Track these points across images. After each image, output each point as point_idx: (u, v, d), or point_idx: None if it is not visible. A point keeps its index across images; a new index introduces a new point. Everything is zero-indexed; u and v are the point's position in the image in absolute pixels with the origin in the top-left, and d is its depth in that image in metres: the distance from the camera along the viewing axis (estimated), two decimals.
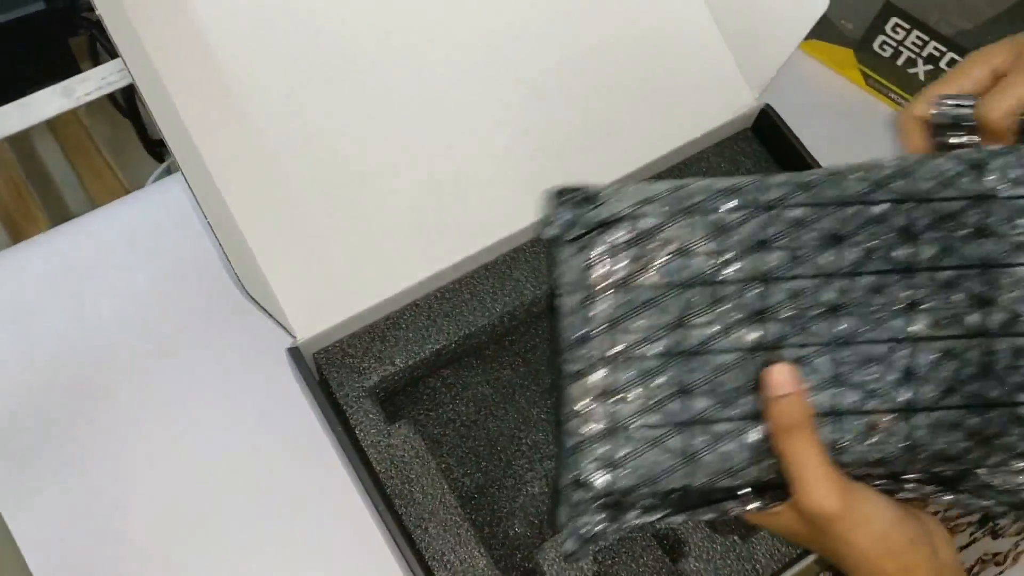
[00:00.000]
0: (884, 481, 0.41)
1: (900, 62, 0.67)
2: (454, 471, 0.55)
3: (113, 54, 0.74)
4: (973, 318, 0.38)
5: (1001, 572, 0.60)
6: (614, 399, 0.38)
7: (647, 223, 0.39)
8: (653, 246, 0.39)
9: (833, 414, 0.38)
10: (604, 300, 0.39)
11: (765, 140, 0.61)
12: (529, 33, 0.56)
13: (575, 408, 0.39)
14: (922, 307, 0.38)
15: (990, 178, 0.38)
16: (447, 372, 0.57)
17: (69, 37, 0.86)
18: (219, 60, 0.51)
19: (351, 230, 0.53)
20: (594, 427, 0.39)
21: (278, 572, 0.53)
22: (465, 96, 0.55)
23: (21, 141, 0.89)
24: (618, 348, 0.38)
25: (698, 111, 0.59)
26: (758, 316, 0.38)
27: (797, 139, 0.59)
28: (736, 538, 0.50)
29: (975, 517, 0.65)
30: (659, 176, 0.59)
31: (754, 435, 0.38)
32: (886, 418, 0.38)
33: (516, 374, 0.58)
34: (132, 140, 0.88)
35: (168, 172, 0.79)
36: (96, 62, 0.83)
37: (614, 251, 0.39)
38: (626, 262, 0.39)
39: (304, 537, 0.53)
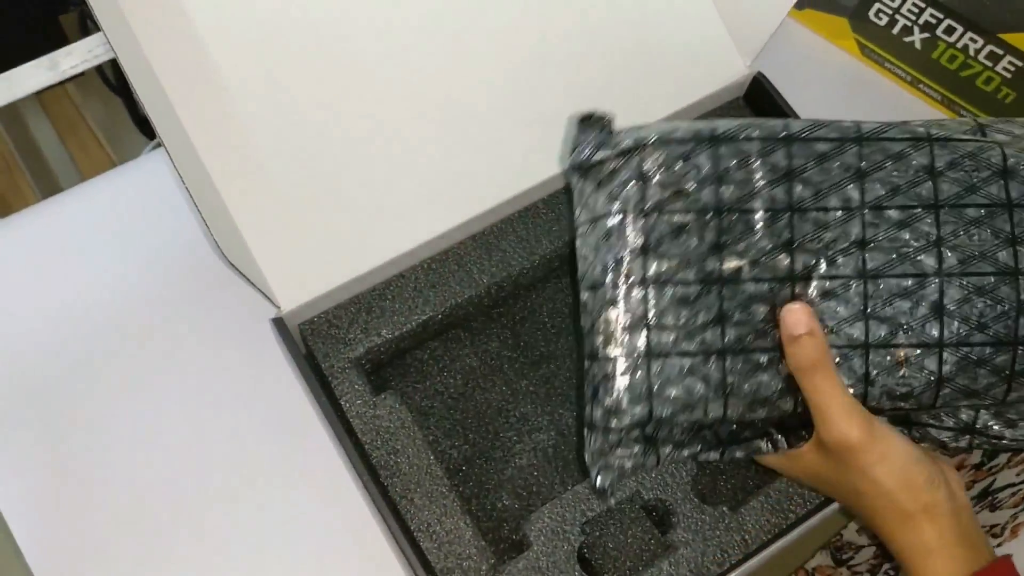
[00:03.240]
0: (899, 427, 0.41)
1: (896, 30, 0.65)
2: (441, 443, 0.54)
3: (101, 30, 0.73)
4: (1002, 255, 0.38)
5: (999, 544, 0.60)
6: (648, 327, 0.38)
7: (675, 151, 0.38)
8: (681, 174, 0.38)
9: (863, 347, 0.38)
10: (634, 227, 0.38)
11: (757, 109, 0.60)
12: (510, 4, 0.55)
13: (609, 334, 0.38)
14: (950, 243, 0.38)
15: (997, 136, 0.40)
16: (434, 344, 0.57)
17: (59, 14, 0.85)
18: (201, 33, 0.50)
19: (336, 200, 0.52)
20: (628, 355, 0.38)
21: (264, 543, 0.52)
22: (450, 64, 0.54)
23: (11, 117, 0.89)
24: (651, 272, 0.38)
25: (689, 79, 0.58)
26: (788, 246, 0.38)
27: (790, 108, 0.58)
28: (725, 509, 0.50)
29: (973, 492, 0.64)
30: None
31: (763, 380, 0.39)
32: (916, 352, 0.38)
33: (504, 346, 0.57)
34: (122, 117, 0.87)
35: (158, 148, 0.78)
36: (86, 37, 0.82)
37: (642, 177, 0.38)
38: (656, 189, 0.38)
39: (289, 508, 0.53)
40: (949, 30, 0.63)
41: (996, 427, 0.42)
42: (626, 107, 0.56)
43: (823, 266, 0.38)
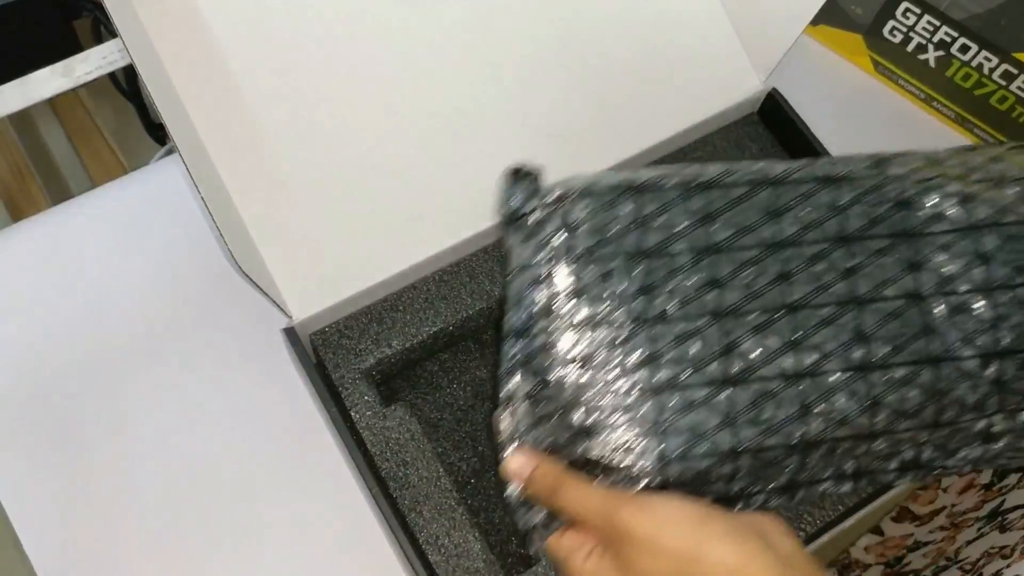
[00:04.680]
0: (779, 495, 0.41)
1: (910, 48, 0.65)
2: (450, 455, 0.54)
3: (115, 35, 0.74)
4: (908, 280, 0.40)
5: (1008, 564, 0.59)
6: (584, 365, 0.39)
7: (600, 200, 0.40)
8: (606, 222, 0.40)
9: (795, 376, 0.39)
10: (562, 274, 0.40)
11: (771, 125, 0.60)
12: (530, 14, 0.55)
13: (547, 378, 0.39)
14: (861, 272, 0.40)
15: (892, 170, 0.43)
16: (445, 356, 0.57)
17: (73, 19, 0.86)
18: (218, 41, 0.50)
19: (348, 211, 0.52)
20: (560, 398, 0.39)
21: (272, 552, 0.52)
22: (464, 76, 0.54)
23: (24, 122, 0.89)
24: (580, 317, 0.39)
25: (704, 94, 0.58)
26: (714, 285, 0.40)
27: (804, 124, 0.58)
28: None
29: (983, 512, 0.64)
30: (662, 160, 0.59)
31: (724, 400, 0.39)
32: (846, 375, 0.40)
33: None
34: (134, 123, 0.87)
35: (170, 155, 0.79)
36: (100, 44, 0.83)
37: (569, 227, 0.40)
38: (582, 237, 0.40)
39: (298, 518, 0.53)
40: (964, 48, 0.63)
41: (937, 461, 0.42)
42: (641, 121, 0.57)
43: (747, 303, 0.40)
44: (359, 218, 0.52)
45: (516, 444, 0.40)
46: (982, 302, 0.41)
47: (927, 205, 0.42)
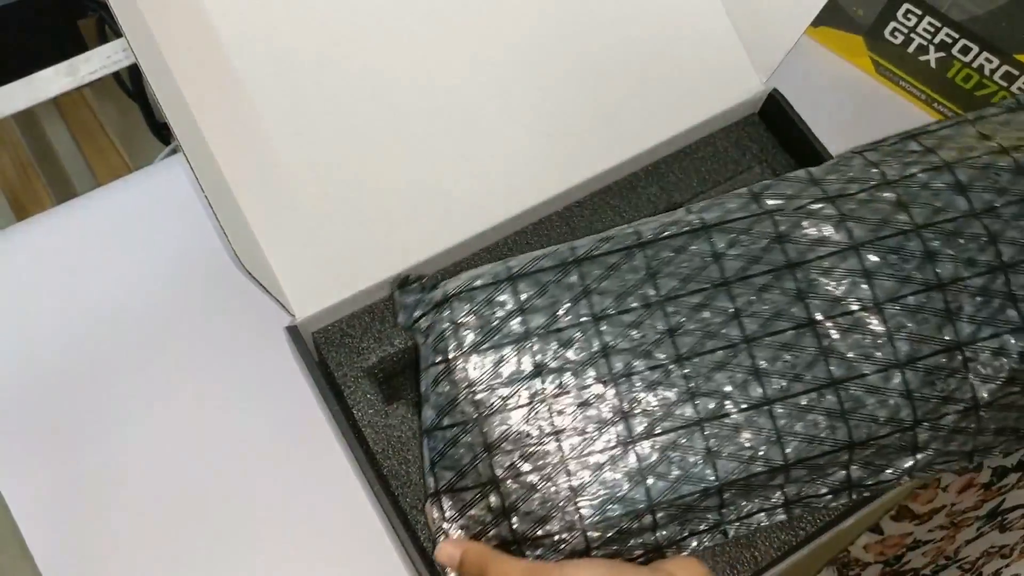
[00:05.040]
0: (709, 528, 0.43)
1: (911, 49, 0.66)
2: None
3: (120, 35, 0.74)
4: (797, 309, 0.41)
5: (1008, 564, 0.59)
6: (492, 452, 0.41)
7: (479, 295, 0.43)
8: (490, 314, 0.42)
9: (697, 423, 0.41)
10: (460, 369, 0.42)
11: (772, 125, 0.61)
12: (532, 14, 0.56)
13: (463, 467, 0.41)
14: (748, 311, 0.41)
15: (769, 202, 0.43)
16: None
17: (78, 19, 0.86)
18: (222, 41, 0.51)
19: (352, 210, 0.52)
20: (477, 484, 0.41)
21: (274, 550, 0.52)
22: (467, 76, 0.55)
23: (28, 121, 0.89)
24: (486, 403, 0.41)
25: (705, 94, 0.58)
26: (604, 353, 0.41)
27: (805, 125, 0.58)
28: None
29: (982, 511, 0.64)
30: (663, 161, 0.59)
31: (632, 458, 0.40)
32: (748, 414, 0.41)
33: None
34: (138, 122, 0.88)
35: (174, 154, 0.79)
36: (104, 43, 0.83)
37: (456, 325, 0.42)
38: (471, 332, 0.42)
39: (300, 516, 0.53)
40: (965, 50, 0.63)
41: (868, 479, 0.43)
42: (642, 121, 0.57)
43: (639, 362, 0.41)
44: (362, 217, 0.52)
45: (445, 535, 0.43)
46: (874, 318, 0.41)
47: (805, 234, 0.42)
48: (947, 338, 0.42)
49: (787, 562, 0.50)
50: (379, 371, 0.53)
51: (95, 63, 0.65)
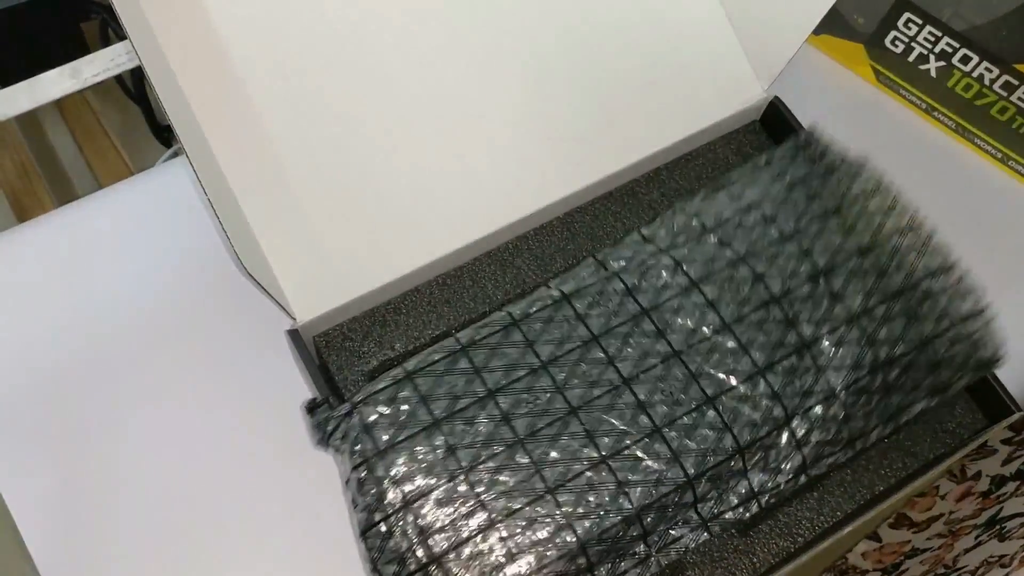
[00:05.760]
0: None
1: (912, 58, 0.66)
2: None
3: (123, 38, 0.74)
4: (660, 346, 0.48)
5: (1007, 573, 0.59)
6: (425, 535, 0.44)
7: (382, 396, 0.47)
8: (396, 412, 0.46)
9: (602, 460, 0.45)
10: (380, 468, 0.45)
11: (773, 133, 0.61)
12: (535, 20, 0.56)
13: (405, 560, 0.44)
14: (620, 357, 0.47)
15: (612, 264, 0.51)
16: None
17: (81, 21, 0.86)
18: (225, 44, 0.51)
19: (354, 214, 0.52)
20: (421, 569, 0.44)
21: (274, 554, 0.52)
22: (468, 81, 0.55)
23: (30, 123, 0.89)
24: (410, 494, 0.45)
25: (706, 101, 0.58)
26: (505, 420, 0.46)
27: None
28: (734, 531, 0.50)
29: (980, 520, 0.64)
30: (664, 168, 0.59)
31: (554, 507, 0.45)
32: (644, 442, 0.46)
33: None
34: (140, 125, 0.88)
35: (175, 157, 0.79)
36: (107, 46, 0.83)
37: (367, 428, 0.46)
38: (381, 432, 0.46)
39: (300, 520, 0.53)
40: (965, 59, 0.63)
41: (769, 483, 0.48)
42: (644, 128, 0.57)
43: (539, 420, 0.46)
44: (364, 222, 0.52)
45: None
46: (726, 338, 0.47)
47: (651, 283, 0.49)
48: (792, 341, 0.48)
49: (785, 569, 0.50)
50: (379, 375, 0.53)
51: (98, 66, 0.65)
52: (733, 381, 0.47)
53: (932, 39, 0.64)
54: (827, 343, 0.48)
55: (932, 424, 0.54)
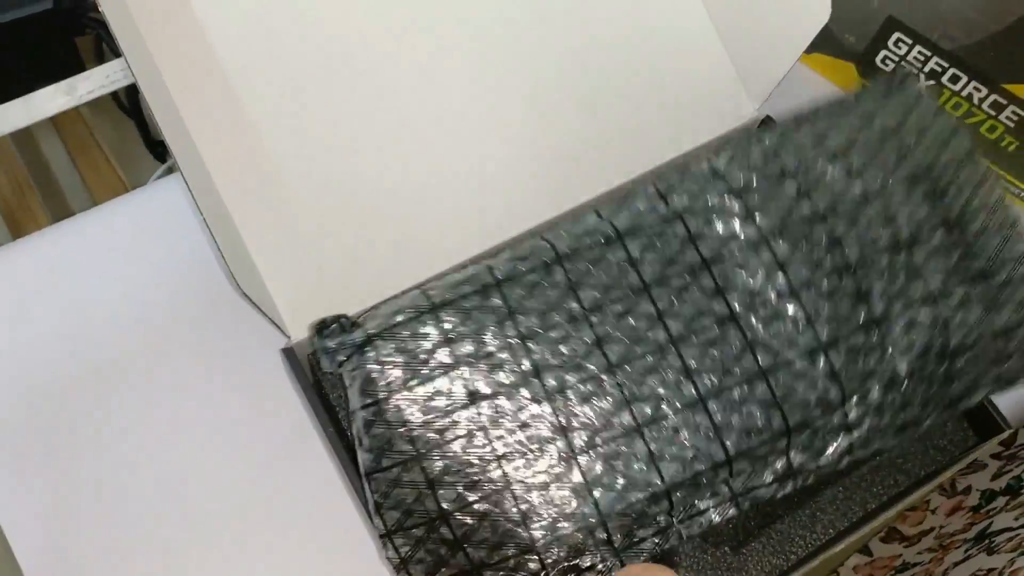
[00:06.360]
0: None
1: None
2: None
3: (118, 54, 0.74)
4: (717, 306, 0.42)
5: None
6: (434, 487, 0.41)
7: (402, 330, 0.42)
8: (416, 347, 0.42)
9: (636, 429, 0.41)
10: (392, 408, 0.41)
11: None
12: (529, 39, 0.56)
13: (410, 506, 0.41)
14: (671, 313, 0.42)
15: (675, 200, 0.44)
16: None
17: (76, 36, 0.86)
18: (220, 60, 0.51)
19: (349, 233, 0.53)
20: (427, 513, 0.41)
21: (267, 570, 0.52)
22: (463, 101, 0.55)
23: (24, 138, 0.89)
24: (421, 444, 0.41)
25: (698, 120, 0.59)
26: (536, 373, 0.42)
27: None
28: (727, 548, 0.50)
29: (970, 534, 0.64)
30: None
31: (576, 473, 0.41)
32: (683, 414, 0.42)
33: None
34: (135, 140, 0.88)
35: (169, 172, 0.79)
36: (101, 62, 0.83)
37: (382, 363, 0.42)
38: (398, 369, 0.42)
39: (294, 537, 0.53)
40: (954, 79, 0.64)
41: (810, 463, 0.44)
42: (637, 147, 0.57)
43: (571, 376, 0.42)
44: (359, 240, 0.53)
45: (407, 574, 0.42)
46: (792, 305, 0.43)
47: (716, 231, 0.44)
48: (862, 317, 0.43)
49: None
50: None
51: (93, 82, 0.66)
52: (792, 355, 0.43)
53: (922, 58, 0.65)
54: (899, 323, 0.44)
55: (923, 441, 0.54)
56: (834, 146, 0.46)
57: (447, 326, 0.42)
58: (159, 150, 0.91)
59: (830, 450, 0.44)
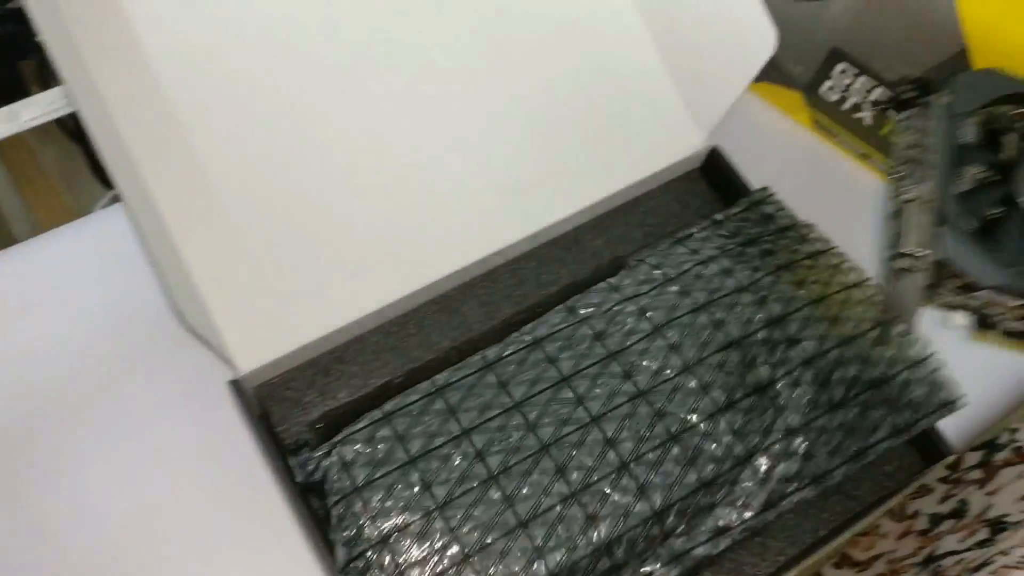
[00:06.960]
0: None
1: (846, 107, 0.68)
2: None
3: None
4: (627, 386, 0.50)
5: None
6: (404, 570, 0.45)
7: (360, 436, 0.49)
8: (374, 449, 0.48)
9: (573, 495, 0.47)
10: (358, 504, 0.47)
11: (713, 181, 0.62)
12: (480, 70, 0.56)
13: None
14: (590, 396, 0.50)
15: (581, 311, 0.53)
16: None
17: (18, 61, 0.85)
18: (165, 90, 0.51)
19: (296, 263, 0.52)
20: None
21: None
22: (414, 130, 0.55)
23: None
24: (385, 529, 0.46)
25: (646, 151, 0.59)
26: (479, 457, 0.48)
27: (744, 181, 0.60)
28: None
29: (919, 558, 0.65)
30: (607, 215, 0.60)
31: (526, 541, 0.46)
32: (611, 477, 0.48)
33: None
34: (80, 166, 0.86)
35: (116, 199, 0.78)
36: (46, 87, 0.82)
37: (345, 465, 0.48)
38: (360, 469, 0.48)
39: (244, 573, 0.52)
40: (900, 106, 0.65)
41: (736, 518, 0.49)
42: (586, 178, 0.58)
43: (512, 456, 0.48)
44: (307, 270, 0.52)
45: None
46: (688, 379, 0.50)
47: (618, 328, 0.52)
48: (751, 382, 0.51)
49: None
50: (322, 425, 0.53)
51: (37, 108, 0.64)
52: (694, 419, 0.49)
53: (866, 88, 0.66)
54: (783, 384, 0.51)
55: (872, 469, 0.55)
56: (707, 255, 0.55)
57: (399, 429, 0.49)
58: (105, 176, 0.89)
59: (752, 502, 0.49)
